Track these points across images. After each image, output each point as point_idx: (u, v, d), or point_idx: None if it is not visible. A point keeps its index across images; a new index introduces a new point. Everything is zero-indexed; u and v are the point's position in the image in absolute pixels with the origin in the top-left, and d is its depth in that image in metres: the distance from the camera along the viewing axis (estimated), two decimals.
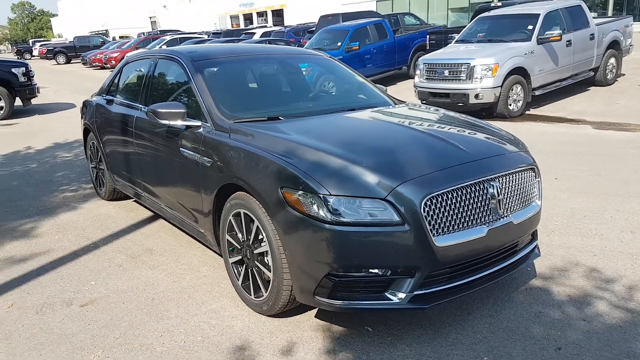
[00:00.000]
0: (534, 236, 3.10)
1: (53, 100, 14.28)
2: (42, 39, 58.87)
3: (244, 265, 2.98)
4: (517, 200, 2.79)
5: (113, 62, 24.85)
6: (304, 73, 4.38)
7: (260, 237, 2.76)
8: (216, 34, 25.90)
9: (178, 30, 34.17)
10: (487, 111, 9.14)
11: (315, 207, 2.43)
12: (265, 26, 30.67)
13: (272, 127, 3.12)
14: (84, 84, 19.03)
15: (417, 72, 10.08)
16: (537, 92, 9.46)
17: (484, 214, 2.60)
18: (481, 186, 2.59)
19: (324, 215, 2.41)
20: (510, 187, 2.74)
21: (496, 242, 2.67)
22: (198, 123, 3.31)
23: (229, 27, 45.87)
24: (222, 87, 3.56)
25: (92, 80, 19.94)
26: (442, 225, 2.47)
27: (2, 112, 10.92)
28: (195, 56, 3.75)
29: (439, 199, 2.46)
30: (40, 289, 3.34)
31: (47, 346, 2.69)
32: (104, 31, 54.11)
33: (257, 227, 2.75)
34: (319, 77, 4.53)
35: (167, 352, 2.61)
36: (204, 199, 3.19)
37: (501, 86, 8.85)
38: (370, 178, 2.47)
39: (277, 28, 24.08)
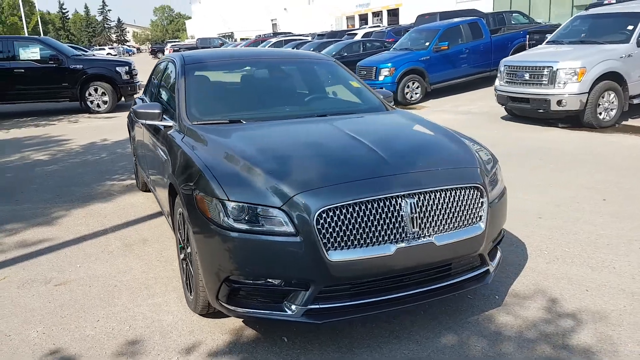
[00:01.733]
0: (483, 261, 2.81)
1: None
2: (176, 40, 65.03)
3: (186, 264, 3.12)
4: (444, 220, 2.56)
5: None
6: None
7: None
8: (320, 35, 26.52)
9: (290, 33, 35.63)
10: (574, 120, 8.28)
11: (216, 211, 2.48)
12: (366, 27, 30.66)
13: (221, 130, 3.22)
14: None
15: (498, 74, 9.49)
16: (635, 101, 8.35)
17: (393, 231, 2.44)
18: (391, 202, 2.44)
19: (222, 220, 2.45)
20: (435, 205, 2.53)
21: (410, 262, 2.50)
22: (171, 123, 3.52)
23: (344, 28, 46.64)
24: (200, 89, 3.75)
25: None
26: (338, 239, 2.37)
27: (106, 106, 12.35)
28: (188, 59, 3.98)
29: (337, 212, 2.37)
30: (33, 267, 3.79)
31: (6, 316, 3.08)
32: (230, 33, 58.18)
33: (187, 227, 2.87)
34: (315, 81, 4.51)
35: (92, 337, 2.84)
36: (166, 197, 3.39)
37: (588, 92, 7.98)
38: (271, 187, 2.45)
39: (378, 28, 24.01)
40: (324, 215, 2.35)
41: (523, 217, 4.43)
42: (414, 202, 2.47)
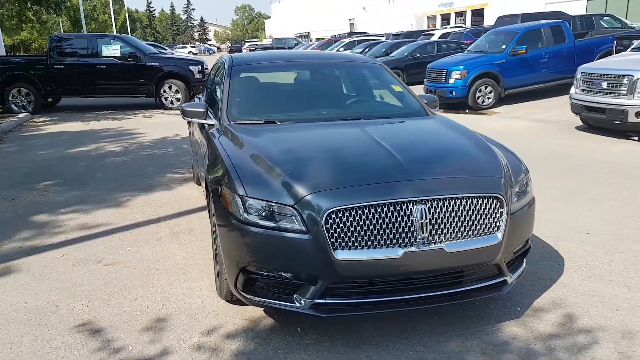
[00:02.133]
0: (500, 271, 2.86)
1: None
2: (253, 40, 67.30)
3: (216, 253, 3.42)
4: (457, 228, 2.65)
5: None
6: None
7: None
8: (395, 35, 26.48)
9: (365, 33, 35.76)
10: None
11: (236, 206, 2.74)
12: (447, 27, 30.12)
13: (254, 130, 3.51)
14: None
15: (574, 81, 9.14)
16: None
17: (402, 235, 2.57)
18: (401, 207, 2.57)
19: (241, 215, 2.71)
20: (448, 213, 2.63)
21: (418, 266, 2.62)
22: (213, 122, 3.85)
23: (425, 28, 46.09)
24: (243, 90, 4.06)
25: None
26: (345, 239, 2.55)
27: (179, 103, 13.20)
28: (236, 61, 4.31)
29: (345, 214, 2.54)
30: (90, 248, 4.28)
31: (59, 290, 3.53)
32: (307, 33, 59.32)
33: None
34: (357, 84, 4.67)
35: (128, 313, 3.21)
36: (204, 191, 3.72)
37: None
38: (287, 186, 2.68)
39: (456, 29, 23.59)
40: (333, 215, 2.53)
41: (570, 232, 4.35)
42: (425, 209, 2.58)
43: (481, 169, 2.92)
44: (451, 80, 12.62)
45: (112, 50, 12.94)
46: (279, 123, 3.66)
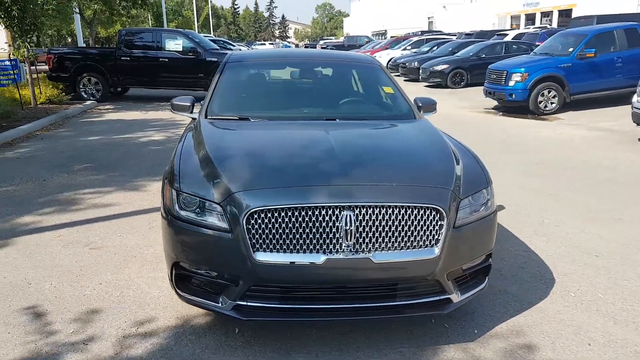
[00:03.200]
0: (442, 288, 2.63)
1: None
2: (330, 38, 67.63)
3: None
4: (387, 238, 2.46)
5: None
6: None
7: None
8: (468, 35, 25.54)
9: (440, 32, 34.83)
10: None
11: (172, 200, 2.72)
12: (530, 27, 28.54)
13: (219, 127, 3.49)
14: None
15: (637, 89, 8.34)
16: None
17: (325, 241, 2.43)
18: (327, 211, 2.42)
19: (174, 208, 2.68)
20: (377, 221, 2.45)
21: (341, 274, 2.46)
22: (195, 116, 3.87)
23: (507, 27, 44.10)
24: (230, 86, 4.04)
25: None
26: (267, 241, 2.44)
27: None
28: (232, 58, 4.30)
29: (268, 215, 2.43)
30: (86, 230, 4.45)
31: (38, 269, 3.69)
32: (383, 31, 58.73)
33: None
34: (347, 84, 4.50)
35: (86, 296, 3.29)
36: None
37: None
38: (219, 184, 2.61)
39: (531, 30, 22.33)
40: (255, 216, 2.43)
41: (577, 253, 3.95)
42: (351, 215, 2.42)
43: (426, 178, 2.70)
44: (511, 83, 11.96)
45: (174, 45, 13.46)
46: (251, 120, 3.60)
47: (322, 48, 40.36)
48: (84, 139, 8.78)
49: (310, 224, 2.43)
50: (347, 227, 2.41)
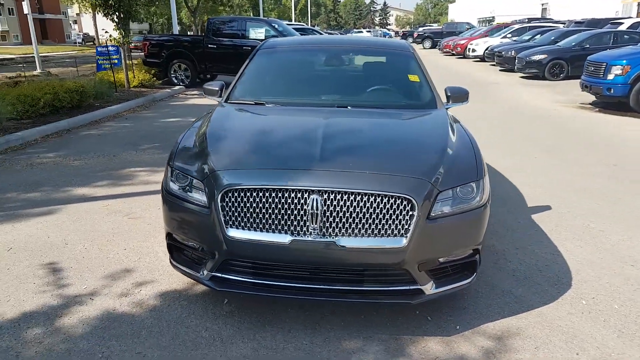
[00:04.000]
0: (414, 279, 2.63)
1: None
2: (433, 25, 65.92)
3: None
4: (353, 224, 2.53)
5: (459, 48, 26.23)
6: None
7: None
8: (578, 23, 23.73)
9: (549, 19, 32.67)
10: None
11: (167, 175, 3.00)
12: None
13: (232, 111, 3.73)
14: None
15: None
16: None
17: (294, 223, 2.55)
18: (296, 194, 2.54)
19: (168, 184, 2.95)
20: (346, 207, 2.52)
21: (308, 256, 2.57)
22: (218, 100, 4.13)
23: (633, 16, 40.23)
24: (256, 72, 4.24)
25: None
26: (239, 218, 2.61)
27: None
28: (266, 44, 4.52)
29: (241, 194, 2.60)
30: (130, 202, 4.92)
31: (78, 232, 4.18)
32: (490, 18, 56.18)
33: None
34: (372, 71, 4.48)
35: (109, 259, 3.68)
36: None
37: None
38: (206, 162, 2.83)
39: None
40: (230, 194, 2.61)
41: (609, 261, 3.70)
42: (319, 199, 2.52)
43: (405, 168, 2.69)
44: (610, 76, 11.04)
45: (257, 33, 14.03)
46: (265, 105, 3.79)
47: (418, 35, 39.53)
48: (163, 120, 9.52)
49: (280, 206, 2.56)
50: (314, 211, 2.52)
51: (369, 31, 66.85)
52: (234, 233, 2.62)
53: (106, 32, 13.18)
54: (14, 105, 8.74)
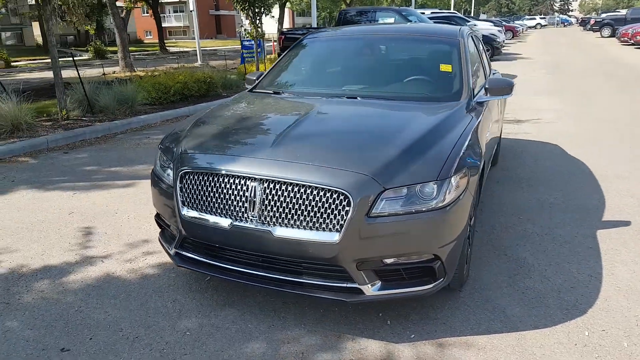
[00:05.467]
0: (351, 277, 2.55)
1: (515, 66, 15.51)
2: (619, 11, 58.30)
3: None
4: (290, 215, 2.55)
5: (638, 37, 23.13)
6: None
7: None
8: None
9: None
10: None
11: (155, 157, 3.30)
12: None
13: (246, 98, 3.92)
14: (575, 60, 19.06)
15: None
16: None
17: (235, 209, 2.65)
18: (240, 181, 2.64)
19: (155, 165, 3.26)
20: (282, 197, 2.55)
21: (246, 242, 2.66)
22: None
23: None
24: (286, 63, 4.38)
25: (595, 58, 19.50)
26: (191, 199, 2.81)
27: None
28: (311, 34, 4.62)
29: (195, 176, 2.78)
30: None
31: (134, 204, 4.73)
32: None
33: None
34: (405, 61, 4.25)
35: (140, 229, 4.14)
36: None
37: None
38: (178, 145, 3.07)
39: None
40: (186, 176, 2.82)
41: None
42: (258, 187, 2.58)
43: (351, 162, 2.58)
44: None
45: (387, 22, 14.01)
46: (282, 94, 3.92)
47: (594, 22, 35.38)
48: None
49: (224, 190, 2.69)
50: (252, 199, 2.60)
51: (543, 17, 61.64)
52: (186, 213, 2.82)
53: (241, 26, 14.28)
54: (149, 92, 10.06)
